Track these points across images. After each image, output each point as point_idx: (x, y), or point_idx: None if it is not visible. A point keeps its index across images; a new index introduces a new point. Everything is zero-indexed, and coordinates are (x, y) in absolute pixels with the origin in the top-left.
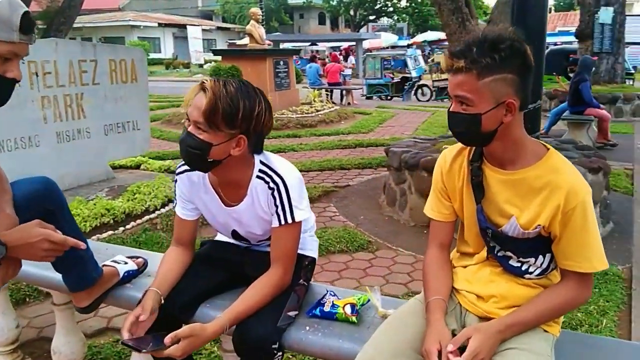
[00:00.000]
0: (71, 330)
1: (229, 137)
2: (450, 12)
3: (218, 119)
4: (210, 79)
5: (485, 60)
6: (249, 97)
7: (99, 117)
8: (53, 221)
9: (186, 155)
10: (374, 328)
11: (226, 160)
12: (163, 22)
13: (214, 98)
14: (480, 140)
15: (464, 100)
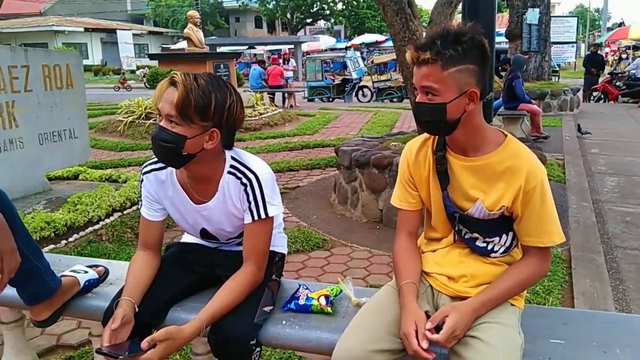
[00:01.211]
0: (22, 349)
1: (202, 130)
2: (394, 13)
3: (191, 111)
4: (180, 73)
5: (449, 52)
6: (220, 90)
7: (33, 126)
8: None
9: (160, 150)
10: (349, 317)
11: (199, 154)
12: (90, 27)
13: (186, 91)
14: (445, 129)
15: (430, 91)
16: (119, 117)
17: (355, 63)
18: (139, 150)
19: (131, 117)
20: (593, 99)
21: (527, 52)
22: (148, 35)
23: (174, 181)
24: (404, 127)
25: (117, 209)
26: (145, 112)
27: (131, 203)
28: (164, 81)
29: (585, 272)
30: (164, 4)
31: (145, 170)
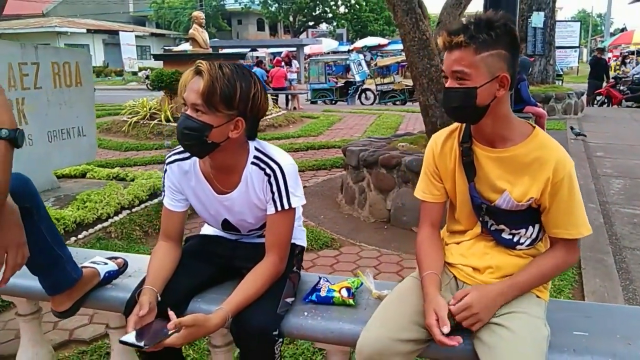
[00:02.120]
0: (38, 342)
1: (227, 118)
2: (404, 13)
3: (216, 100)
4: (205, 62)
5: (483, 36)
6: (244, 79)
7: (42, 123)
8: (29, 220)
9: (185, 138)
10: (371, 309)
11: (224, 143)
12: (92, 28)
13: (211, 79)
14: (474, 115)
15: (461, 75)
16: (123, 118)
17: (358, 66)
18: (143, 150)
19: (135, 117)
20: (597, 103)
21: (531, 55)
22: (150, 37)
23: (197, 171)
24: (409, 129)
25: (125, 206)
26: (149, 113)
27: (139, 201)
28: (188, 71)
29: (595, 272)
30: (167, 6)
31: (169, 161)
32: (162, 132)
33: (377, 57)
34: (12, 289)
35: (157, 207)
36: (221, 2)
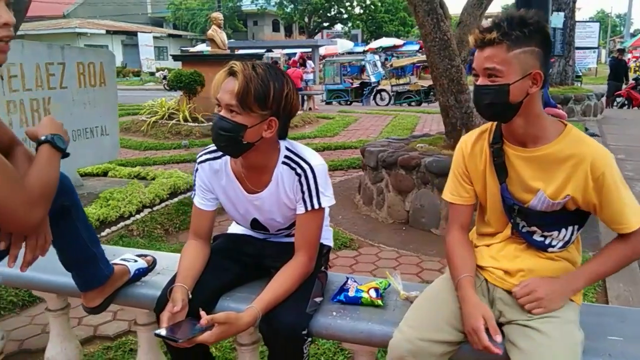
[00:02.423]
0: (67, 337)
1: (261, 118)
2: (426, 13)
3: (250, 100)
4: (238, 63)
5: (516, 33)
6: (277, 78)
7: (67, 122)
8: (67, 217)
9: (220, 139)
10: (399, 310)
11: (258, 143)
12: (111, 29)
13: (245, 80)
14: (506, 113)
15: (493, 72)
16: (142, 118)
17: (374, 67)
18: (162, 150)
19: (154, 117)
20: (617, 104)
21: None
22: (167, 38)
23: (228, 170)
24: (425, 130)
25: (147, 205)
26: (168, 113)
27: (160, 200)
28: (221, 72)
29: (619, 276)
30: (184, 7)
31: (200, 160)
32: (180, 132)
33: (392, 58)
34: (43, 284)
35: (177, 205)
36: (237, 4)
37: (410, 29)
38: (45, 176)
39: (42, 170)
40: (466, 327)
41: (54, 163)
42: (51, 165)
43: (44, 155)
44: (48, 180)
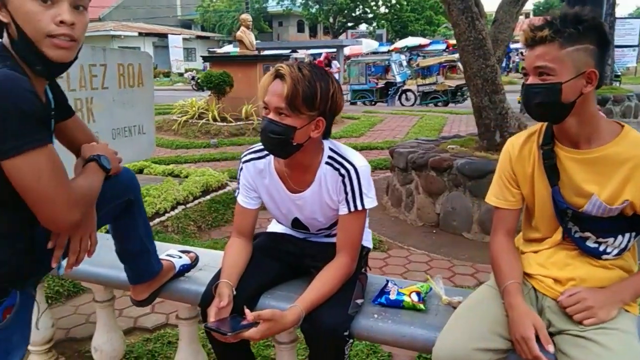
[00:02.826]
0: (112, 327)
1: (309, 119)
2: (460, 12)
3: (299, 102)
4: (285, 65)
5: (569, 30)
6: (323, 79)
7: (107, 121)
8: (131, 211)
9: (270, 141)
10: (442, 315)
11: (306, 143)
12: (144, 32)
13: (293, 82)
14: (558, 113)
15: (545, 71)
16: (173, 117)
17: (399, 66)
18: (193, 148)
19: (185, 116)
20: None
21: None
22: (196, 40)
23: (272, 170)
24: (453, 130)
25: (180, 202)
26: (198, 112)
27: (193, 197)
28: (267, 75)
29: None
30: (212, 10)
31: (245, 159)
32: (209, 131)
33: (418, 58)
34: (92, 276)
35: (209, 203)
36: (263, 5)
37: (437, 28)
38: (89, 185)
39: (87, 180)
40: (515, 335)
41: (98, 178)
42: (94, 179)
43: (91, 169)
44: (90, 189)
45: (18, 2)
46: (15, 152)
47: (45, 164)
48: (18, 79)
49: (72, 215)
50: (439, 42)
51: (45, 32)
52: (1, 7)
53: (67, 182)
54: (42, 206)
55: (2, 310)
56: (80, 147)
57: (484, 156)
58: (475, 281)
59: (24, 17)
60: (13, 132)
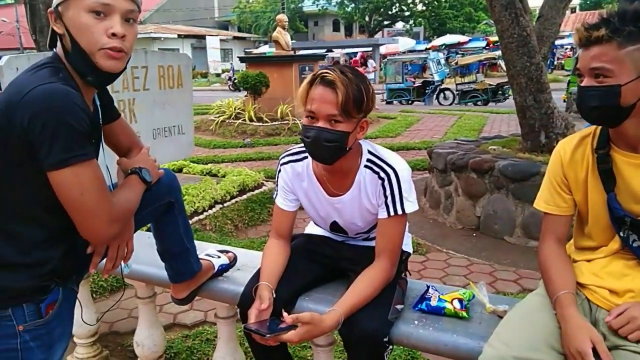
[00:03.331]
0: (154, 323)
1: (357, 122)
2: (503, 8)
3: (351, 106)
4: (330, 71)
5: (629, 28)
6: (363, 80)
7: (148, 122)
8: (171, 212)
9: (324, 150)
10: (486, 323)
11: (352, 146)
12: (182, 34)
13: (344, 87)
14: (615, 117)
15: (601, 72)
16: (211, 117)
17: (437, 65)
18: (230, 148)
19: (222, 117)
20: None
21: None
22: (232, 41)
23: (310, 173)
24: (494, 131)
25: (218, 201)
26: (234, 113)
27: (230, 196)
28: (306, 82)
29: None
30: (248, 10)
31: (283, 162)
32: (245, 131)
33: (457, 56)
34: (135, 274)
35: (246, 202)
36: (299, 5)
37: (476, 25)
38: (128, 199)
39: (127, 194)
40: (569, 349)
41: (137, 191)
42: (135, 193)
43: (131, 183)
44: (129, 204)
45: (73, 14)
46: (61, 164)
47: (89, 178)
48: (70, 94)
49: (110, 229)
50: (479, 39)
51: (98, 44)
52: (56, 19)
53: (109, 197)
54: (83, 219)
55: (46, 305)
56: (126, 152)
57: (527, 158)
58: (519, 287)
59: (78, 30)
60: (61, 146)
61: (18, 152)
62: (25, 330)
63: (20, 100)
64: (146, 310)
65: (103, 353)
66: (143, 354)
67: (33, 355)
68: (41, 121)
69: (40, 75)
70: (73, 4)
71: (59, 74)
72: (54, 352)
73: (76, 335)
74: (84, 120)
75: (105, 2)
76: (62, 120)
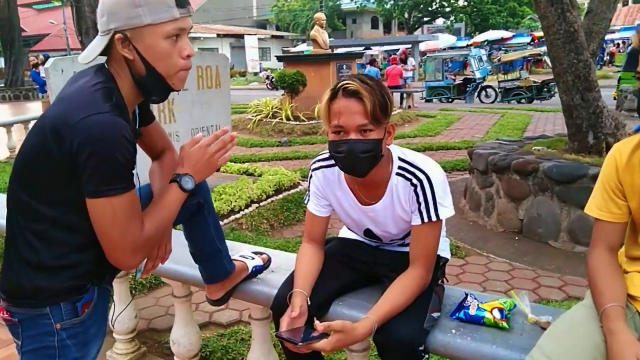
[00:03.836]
0: (189, 322)
1: (384, 127)
2: (549, 3)
3: (378, 113)
4: (352, 81)
5: None
6: (381, 84)
7: (187, 121)
8: (201, 213)
9: (362, 162)
10: (528, 335)
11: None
12: (221, 33)
13: (369, 95)
14: None
15: None
16: (248, 116)
17: (479, 62)
18: (267, 147)
19: (259, 116)
20: None
21: None
22: (270, 39)
23: (342, 181)
24: (538, 130)
25: (254, 200)
26: (272, 111)
27: (266, 196)
28: (328, 97)
29: None
30: (286, 9)
31: (314, 167)
32: (282, 130)
33: (499, 52)
34: (172, 273)
35: (282, 202)
36: (337, 3)
37: (521, 20)
38: (162, 217)
39: (162, 211)
40: None
41: (176, 204)
42: (172, 207)
43: (170, 195)
44: (164, 221)
45: (151, 42)
46: (98, 195)
47: (121, 209)
48: (119, 127)
49: (132, 260)
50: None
51: (176, 68)
52: (126, 44)
53: (138, 227)
54: (108, 246)
55: (82, 304)
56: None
57: (574, 159)
58: (564, 295)
59: (157, 57)
60: (102, 177)
61: (64, 169)
62: (62, 328)
63: (74, 125)
64: (182, 309)
65: (141, 349)
66: (179, 352)
67: (69, 353)
68: (88, 150)
69: (94, 100)
70: (148, 32)
71: (112, 98)
72: (89, 350)
73: (115, 331)
74: (129, 153)
75: (182, 27)
76: (108, 154)
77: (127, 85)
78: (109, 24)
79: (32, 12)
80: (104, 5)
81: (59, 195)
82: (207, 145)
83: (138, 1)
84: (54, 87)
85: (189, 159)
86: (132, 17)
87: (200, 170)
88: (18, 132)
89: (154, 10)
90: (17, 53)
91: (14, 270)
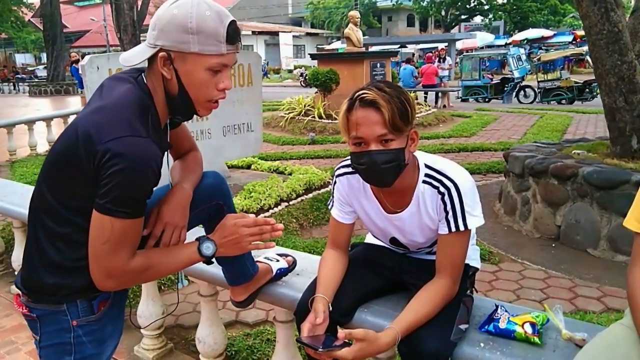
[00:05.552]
0: (215, 321)
1: (407, 135)
2: (592, 2)
3: (398, 121)
4: (368, 91)
5: None
6: (400, 90)
7: (219, 119)
8: (220, 215)
9: (383, 173)
10: (561, 352)
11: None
12: (256, 30)
13: (387, 104)
14: None
15: None
16: (281, 114)
17: (517, 61)
18: (298, 145)
19: (292, 113)
20: None
21: None
22: (305, 37)
23: (367, 188)
24: (579, 133)
25: (284, 199)
26: (304, 109)
27: (296, 194)
28: (344, 110)
29: None
30: (321, 7)
31: (338, 173)
32: (314, 128)
33: (539, 51)
34: (197, 272)
35: (311, 201)
36: (373, 0)
37: (562, 19)
38: (160, 264)
39: (165, 259)
40: None
41: (184, 262)
42: (178, 262)
43: (184, 252)
44: (159, 267)
45: (192, 69)
46: (105, 212)
47: (118, 233)
48: (153, 155)
49: (104, 283)
50: (565, 34)
51: (208, 97)
52: (167, 63)
53: (124, 256)
54: (91, 259)
55: (98, 302)
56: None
57: (616, 164)
58: (602, 306)
59: (193, 83)
60: (116, 197)
61: (87, 176)
62: (78, 325)
63: (106, 142)
64: (208, 308)
65: (168, 345)
66: (204, 350)
67: (85, 349)
68: (115, 168)
69: (133, 118)
70: (192, 59)
71: (148, 115)
72: (104, 348)
73: (143, 326)
74: (150, 185)
75: (225, 63)
76: (132, 180)
77: (161, 101)
78: (157, 40)
79: (74, 9)
80: (159, 19)
81: (82, 204)
82: (244, 226)
83: (191, 28)
84: (89, 83)
85: (223, 229)
86: (181, 42)
87: (226, 245)
88: (57, 127)
89: (203, 41)
90: (59, 49)
91: (36, 267)
